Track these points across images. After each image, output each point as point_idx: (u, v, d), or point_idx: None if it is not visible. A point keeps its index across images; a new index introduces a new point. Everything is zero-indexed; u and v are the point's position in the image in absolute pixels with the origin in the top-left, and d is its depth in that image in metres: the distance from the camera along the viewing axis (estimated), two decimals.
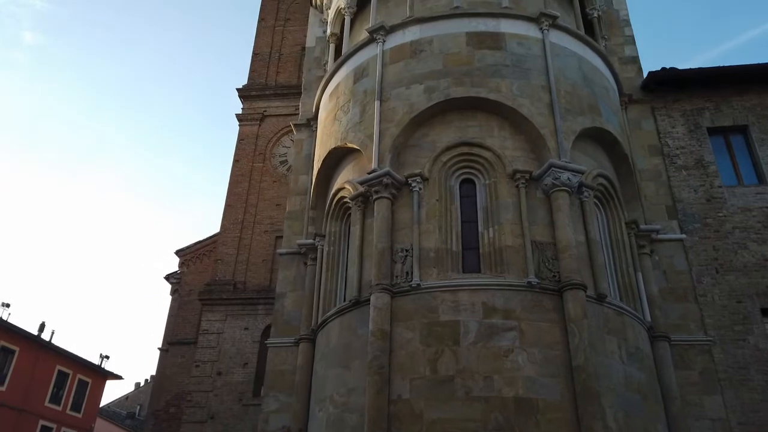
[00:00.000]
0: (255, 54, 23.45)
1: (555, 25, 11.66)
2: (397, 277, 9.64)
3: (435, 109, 10.81)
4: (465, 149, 10.50)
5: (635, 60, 14.09)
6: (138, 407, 55.83)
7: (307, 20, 23.76)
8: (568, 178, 9.88)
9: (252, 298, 17.84)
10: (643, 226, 11.36)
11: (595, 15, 13.74)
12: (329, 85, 13.35)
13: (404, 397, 8.63)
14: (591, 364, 8.40)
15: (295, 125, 14.80)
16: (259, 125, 21.51)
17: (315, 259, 12.27)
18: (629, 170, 11.76)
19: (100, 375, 38.08)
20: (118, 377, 39.92)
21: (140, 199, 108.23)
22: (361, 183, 10.55)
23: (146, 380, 59.63)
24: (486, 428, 8.12)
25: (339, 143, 11.87)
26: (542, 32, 11.53)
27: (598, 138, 11.34)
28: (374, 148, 10.73)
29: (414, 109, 10.83)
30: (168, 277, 24.05)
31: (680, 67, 13.32)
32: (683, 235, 11.66)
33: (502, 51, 11.19)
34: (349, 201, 11.48)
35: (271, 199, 19.98)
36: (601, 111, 11.47)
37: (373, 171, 10.46)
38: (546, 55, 11.23)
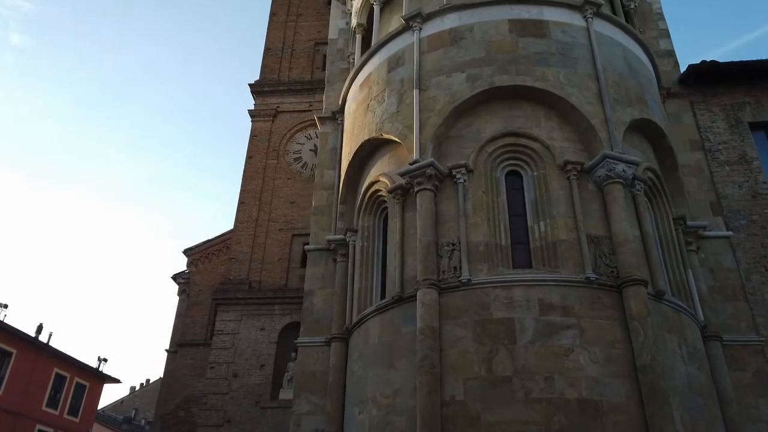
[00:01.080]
0: (267, 49, 22.91)
1: (598, 14, 11.26)
2: (443, 272, 9.16)
3: (479, 98, 10.36)
4: (511, 140, 10.05)
5: (671, 53, 13.74)
6: (134, 411, 54.94)
7: (320, 16, 23.66)
8: (623, 170, 9.45)
9: (268, 297, 17.24)
10: (690, 223, 10.94)
11: (632, 6, 13.34)
12: (359, 75, 12.87)
13: (458, 399, 8.13)
14: (658, 364, 7.94)
15: (319, 118, 14.31)
16: (272, 121, 20.95)
17: (345, 255, 11.78)
18: (674, 164, 11.35)
19: (98, 378, 37.28)
20: (116, 381, 39.13)
21: (142, 200, 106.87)
22: (402, 174, 10.07)
23: (142, 384, 58.82)
24: (548, 431, 7.64)
25: (374, 134, 11.39)
26: (586, 20, 11.12)
27: (643, 130, 10.92)
28: (415, 138, 10.25)
29: (456, 98, 10.37)
30: (176, 277, 23.36)
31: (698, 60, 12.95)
32: (730, 232, 11.26)
33: (546, 39, 10.76)
34: (385, 194, 11.01)
35: (286, 196, 19.41)
36: (648, 102, 11.07)
37: (415, 162, 9.98)
38: (592, 44, 10.81)
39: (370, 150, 11.77)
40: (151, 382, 57.25)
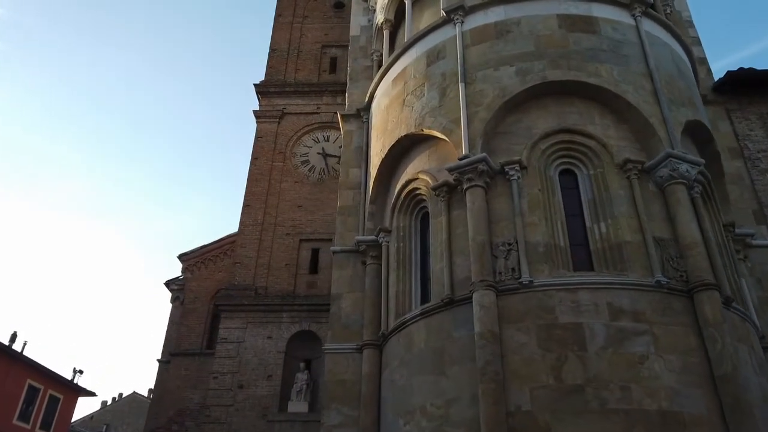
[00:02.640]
0: (272, 50, 22.26)
1: (645, 13, 10.94)
2: (500, 273, 8.55)
3: (529, 92, 9.87)
4: (566, 137, 9.57)
5: (704, 61, 13.53)
6: (104, 427, 52.64)
7: (327, 18, 23.19)
8: (687, 170, 9.02)
9: (275, 304, 16.38)
10: (737, 230, 10.57)
11: (668, 12, 13.11)
12: (391, 70, 12.32)
13: (525, 409, 7.48)
14: (739, 374, 7.44)
15: (342, 116, 13.70)
16: (278, 123, 20.23)
17: (377, 257, 11.12)
18: (720, 170, 11.02)
19: (73, 391, 35.45)
20: (91, 394, 37.29)
21: (121, 207, 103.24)
22: (451, 170, 9.48)
23: (114, 398, 56.47)
24: None
25: (412, 130, 10.81)
26: (635, 19, 10.78)
27: (692, 134, 10.54)
28: (463, 133, 9.69)
29: (506, 92, 9.87)
30: (169, 284, 22.29)
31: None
32: None
33: (597, 35, 10.37)
34: (424, 192, 10.43)
35: (293, 200, 18.64)
36: (697, 105, 10.74)
37: (465, 157, 9.41)
38: (642, 42, 10.46)
39: (406, 147, 11.18)
40: (124, 396, 55.09)
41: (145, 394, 53.91)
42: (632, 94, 9.69)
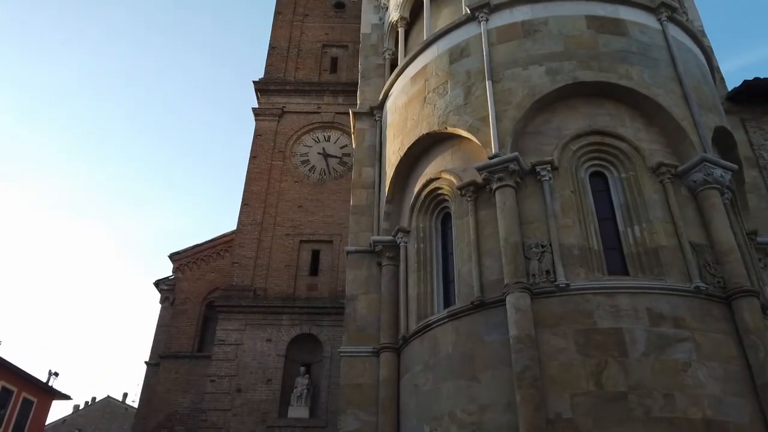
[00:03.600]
0: (272, 47, 21.90)
1: (671, 18, 10.85)
2: (533, 276, 8.28)
3: (560, 92, 9.66)
4: (597, 138, 9.37)
5: (717, 70, 13.51)
6: None
7: (327, 18, 22.93)
8: (721, 175, 8.89)
9: (275, 306, 15.93)
10: (759, 239, 10.49)
11: (686, 19, 13.08)
12: (409, 68, 12.04)
13: (566, 416, 7.19)
14: None
15: (355, 114, 13.36)
16: (278, 121, 19.84)
17: (393, 258, 10.81)
18: (741, 178, 10.92)
19: (47, 394, 34.22)
20: (66, 397, 36.06)
21: (112, 201, 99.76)
22: (480, 169, 9.20)
23: (87, 402, 54.82)
24: None
25: (435, 128, 10.53)
26: (661, 23, 10.69)
27: (716, 140, 10.45)
28: (492, 131, 9.44)
29: (536, 92, 9.65)
30: (158, 284, 21.64)
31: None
32: None
33: (626, 37, 10.23)
34: (447, 192, 10.15)
35: (293, 200, 18.25)
36: (720, 112, 10.67)
37: (495, 156, 9.15)
38: (669, 46, 10.35)
39: (426, 145, 10.89)
40: (98, 400, 53.51)
41: (120, 398, 52.59)
42: (663, 98, 9.55)
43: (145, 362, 20.17)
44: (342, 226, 17.71)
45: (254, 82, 20.58)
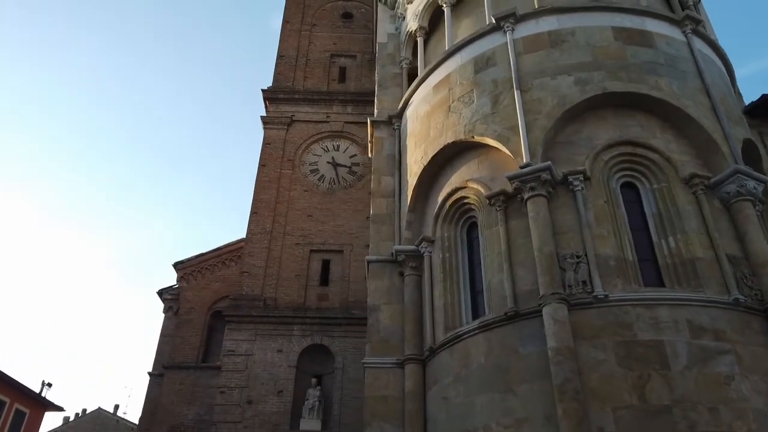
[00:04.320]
0: (280, 56, 21.78)
1: (695, 31, 10.88)
2: (570, 286, 8.17)
3: (589, 103, 9.64)
4: (628, 149, 9.33)
5: (735, 83, 13.57)
6: None
7: (335, 28, 22.90)
8: (754, 187, 8.87)
9: (286, 316, 15.67)
10: None
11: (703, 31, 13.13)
12: (431, 77, 11.99)
13: (608, 430, 7.05)
14: None
15: (373, 122, 13.28)
16: (287, 130, 19.69)
17: (416, 267, 10.69)
18: (766, 192, 10.92)
19: (40, 405, 33.53)
20: (59, 408, 35.34)
21: (114, 209, 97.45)
22: (512, 178, 9.11)
23: (77, 414, 53.83)
24: None
25: (461, 137, 10.45)
26: (686, 35, 10.71)
27: (743, 152, 10.43)
28: (522, 140, 9.37)
29: (566, 102, 9.61)
30: (162, 293, 21.29)
31: None
32: None
33: (653, 49, 10.24)
34: (474, 202, 10.06)
35: (303, 209, 18.04)
36: (745, 124, 10.68)
37: (527, 165, 9.07)
38: (695, 58, 10.38)
39: (450, 154, 10.81)
40: (88, 411, 52.55)
41: (111, 409, 51.73)
42: (693, 109, 9.54)
43: (148, 373, 19.77)
44: (352, 236, 17.56)
45: (263, 90, 20.44)
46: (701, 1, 13.34)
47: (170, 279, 22.01)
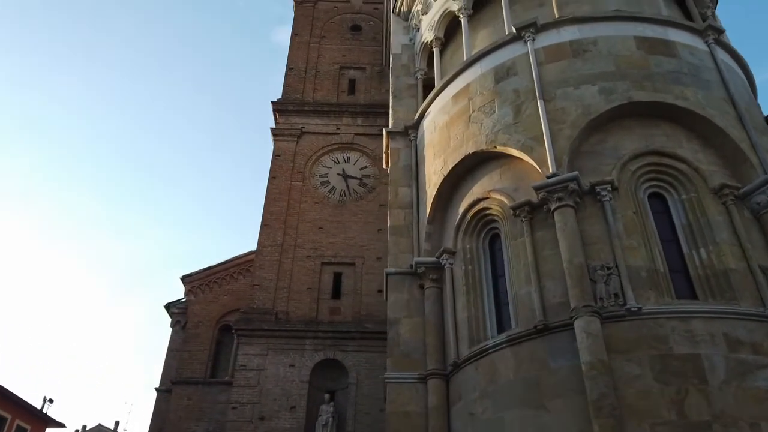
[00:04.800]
0: (289, 68, 21.75)
1: (717, 41, 10.80)
2: (601, 299, 7.98)
3: (614, 112, 9.52)
4: (654, 159, 9.20)
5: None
6: None
7: (344, 40, 22.93)
8: None
9: (298, 330, 15.43)
10: None
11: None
12: (449, 87, 11.89)
13: None
14: None
15: (389, 133, 13.15)
16: (297, 142, 19.58)
17: (436, 280, 10.50)
18: None
19: (41, 421, 33.05)
20: (60, 425, 34.87)
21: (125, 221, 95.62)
22: (539, 189, 8.96)
23: (77, 431, 53.18)
24: None
25: (483, 147, 10.32)
26: (708, 46, 10.63)
27: None
28: (548, 150, 9.24)
29: (591, 111, 9.49)
30: (169, 306, 21.05)
31: None
32: None
33: (677, 59, 10.15)
34: (496, 213, 9.91)
35: (313, 221, 17.86)
36: None
37: (554, 175, 8.92)
38: (719, 68, 10.29)
39: (471, 165, 10.68)
40: (88, 428, 51.91)
41: (112, 426, 51.14)
42: (719, 119, 9.42)
43: (156, 388, 19.47)
44: (364, 248, 17.38)
45: (273, 102, 20.36)
46: (716, 9, 13.31)
47: (175, 292, 21.78)
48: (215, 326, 19.63)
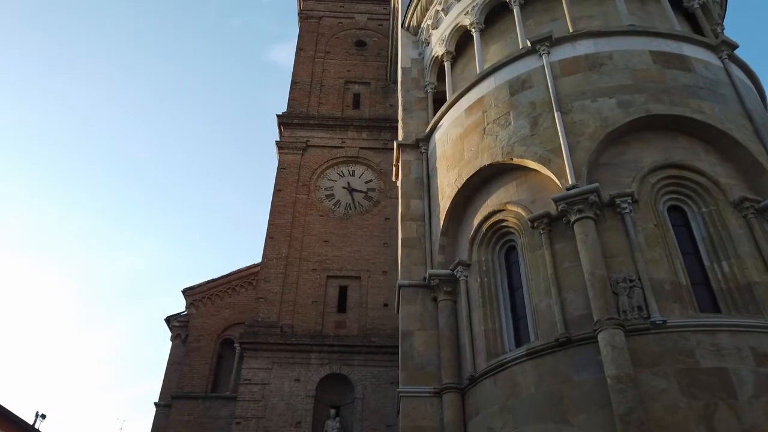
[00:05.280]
0: (294, 82, 21.80)
1: (730, 57, 10.87)
2: (624, 312, 7.89)
3: (632, 125, 9.52)
4: (674, 172, 9.18)
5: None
6: None
7: (349, 56, 23.07)
8: None
9: (304, 344, 15.22)
10: None
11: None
12: (461, 100, 11.90)
13: None
14: None
15: (400, 145, 13.10)
16: (302, 155, 19.54)
17: (450, 292, 10.39)
18: None
19: None
20: None
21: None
22: (558, 200, 8.90)
23: None
24: None
25: (499, 159, 10.28)
26: (722, 61, 10.69)
27: None
28: (567, 162, 9.21)
29: (609, 123, 9.49)
30: (169, 320, 20.76)
31: None
32: None
33: (693, 73, 10.19)
34: (513, 225, 9.85)
35: (318, 234, 17.74)
36: None
37: (573, 187, 8.88)
38: (734, 83, 10.34)
39: (486, 177, 10.63)
40: None
41: None
42: (737, 133, 9.43)
43: (155, 403, 19.09)
44: (370, 261, 17.26)
45: (278, 115, 20.34)
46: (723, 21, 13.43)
47: (174, 306, 21.49)
48: (217, 340, 19.38)
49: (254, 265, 21.06)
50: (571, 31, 11.09)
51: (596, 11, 11.79)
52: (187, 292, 20.40)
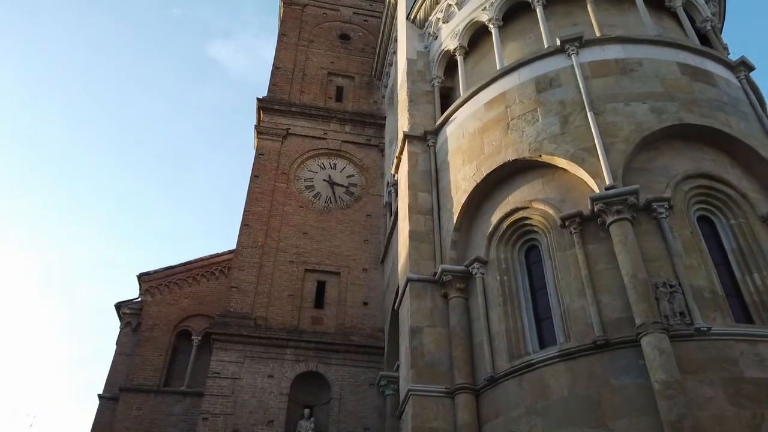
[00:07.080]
0: (276, 68, 20.90)
1: (746, 78, 11.09)
2: (666, 317, 7.67)
3: (664, 132, 9.47)
4: (704, 182, 9.15)
5: None
6: None
7: (333, 47, 22.46)
8: None
9: (279, 338, 14.29)
10: None
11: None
12: (480, 94, 11.57)
13: None
14: None
15: (407, 137, 12.59)
16: (282, 142, 18.65)
17: (462, 289, 9.95)
18: None
19: None
20: None
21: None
22: (596, 200, 8.64)
23: None
24: None
25: (526, 155, 9.97)
26: (740, 81, 10.89)
27: None
28: (603, 162, 9.00)
29: (644, 128, 9.39)
30: (120, 306, 19.18)
31: None
32: None
33: (716, 88, 10.30)
34: (537, 223, 9.55)
35: (297, 225, 16.87)
36: None
37: (612, 187, 8.65)
38: (751, 102, 10.53)
39: (508, 172, 10.30)
40: None
41: None
42: (762, 149, 9.54)
43: (99, 395, 17.46)
44: (350, 258, 16.57)
45: (258, 99, 19.35)
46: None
47: (126, 292, 19.89)
48: (173, 331, 18.00)
49: (217, 254, 19.91)
50: (598, 35, 11.00)
51: (618, 21, 11.79)
52: (143, 278, 18.89)
